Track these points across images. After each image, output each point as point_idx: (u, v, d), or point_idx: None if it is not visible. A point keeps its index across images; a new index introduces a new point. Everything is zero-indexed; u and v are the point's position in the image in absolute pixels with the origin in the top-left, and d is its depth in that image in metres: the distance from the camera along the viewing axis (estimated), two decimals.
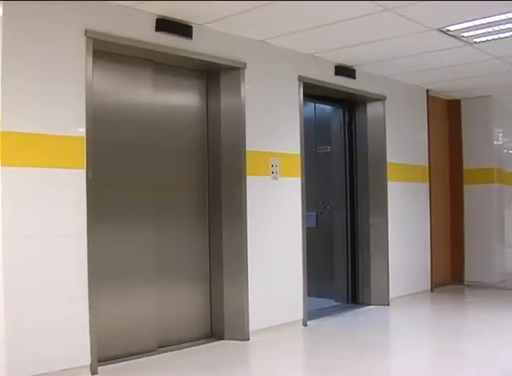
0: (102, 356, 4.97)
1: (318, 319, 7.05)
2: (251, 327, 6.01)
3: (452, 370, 5.06)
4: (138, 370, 5.05)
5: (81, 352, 4.70)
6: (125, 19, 5.09)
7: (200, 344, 5.89)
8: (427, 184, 9.03)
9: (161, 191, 5.74)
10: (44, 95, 4.56)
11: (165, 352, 5.56)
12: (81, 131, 4.77)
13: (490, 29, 5.98)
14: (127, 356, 5.27)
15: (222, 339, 6.03)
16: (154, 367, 5.14)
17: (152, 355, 5.44)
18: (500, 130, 9.85)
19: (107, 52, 5.21)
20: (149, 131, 5.63)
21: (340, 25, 5.73)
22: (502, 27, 5.90)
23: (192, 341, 5.91)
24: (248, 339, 5.96)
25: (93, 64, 4.86)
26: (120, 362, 5.16)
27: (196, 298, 6.06)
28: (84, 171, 4.76)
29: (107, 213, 5.24)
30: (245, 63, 6.04)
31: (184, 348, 5.73)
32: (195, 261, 6.06)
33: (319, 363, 5.37)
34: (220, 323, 6.08)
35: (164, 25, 5.31)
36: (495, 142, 9.71)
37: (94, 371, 4.75)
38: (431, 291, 8.99)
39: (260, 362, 5.49)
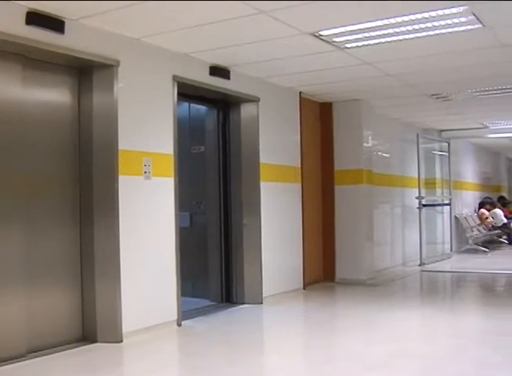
0: None
1: (192, 319, 7.05)
2: (124, 329, 5.93)
3: (322, 364, 5.18)
4: None
5: None
6: None
7: (72, 348, 5.74)
8: (300, 184, 9.20)
9: (30, 190, 5.54)
10: None
11: (35, 357, 5.37)
12: None
13: (360, 35, 6.18)
14: None
15: (95, 342, 5.91)
16: (23, 374, 4.97)
17: (21, 361, 5.23)
18: (370, 133, 10.20)
19: None
20: (18, 128, 5.41)
21: (215, 26, 5.75)
22: (372, 33, 6.12)
23: (64, 345, 5.74)
24: (121, 341, 5.88)
25: None
26: None
27: (68, 301, 5.90)
28: None
29: None
30: (118, 61, 5.95)
31: (55, 352, 5.56)
32: (66, 262, 5.90)
33: (191, 362, 5.38)
34: (92, 326, 5.96)
35: (35, 19, 5.13)
36: (364, 145, 10.05)
37: None
38: (304, 288, 9.18)
39: (132, 363, 5.43)
